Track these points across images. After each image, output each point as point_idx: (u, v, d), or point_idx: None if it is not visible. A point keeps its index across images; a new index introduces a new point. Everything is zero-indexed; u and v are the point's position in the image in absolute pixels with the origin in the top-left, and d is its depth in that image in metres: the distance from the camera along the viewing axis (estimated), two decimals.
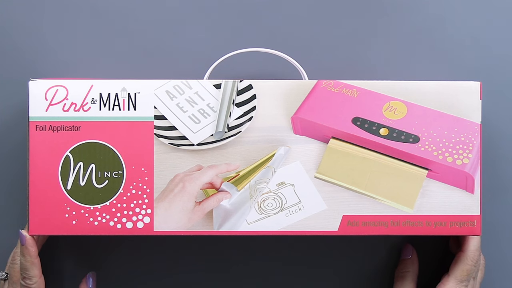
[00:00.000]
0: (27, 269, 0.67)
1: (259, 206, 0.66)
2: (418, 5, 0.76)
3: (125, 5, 0.76)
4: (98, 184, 0.65)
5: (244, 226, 0.66)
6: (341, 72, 0.75)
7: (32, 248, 0.67)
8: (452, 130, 0.66)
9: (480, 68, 0.76)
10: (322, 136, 0.66)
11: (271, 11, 0.76)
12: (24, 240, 0.67)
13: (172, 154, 0.65)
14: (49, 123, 0.65)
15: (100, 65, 0.75)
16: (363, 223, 0.66)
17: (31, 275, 0.67)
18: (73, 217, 0.65)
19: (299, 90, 0.66)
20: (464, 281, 0.69)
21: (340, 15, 0.76)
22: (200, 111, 0.66)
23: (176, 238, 0.75)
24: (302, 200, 0.66)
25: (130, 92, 0.65)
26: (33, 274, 0.67)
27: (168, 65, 0.75)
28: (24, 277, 0.68)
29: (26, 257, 0.67)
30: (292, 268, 0.76)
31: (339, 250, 0.76)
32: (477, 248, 0.69)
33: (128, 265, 0.76)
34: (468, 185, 0.65)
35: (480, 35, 0.76)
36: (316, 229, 0.66)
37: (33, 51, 0.75)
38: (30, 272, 0.67)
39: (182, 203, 0.65)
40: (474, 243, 0.69)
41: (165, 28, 0.76)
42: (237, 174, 0.66)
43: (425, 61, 0.76)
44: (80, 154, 0.65)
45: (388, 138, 0.66)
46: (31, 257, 0.67)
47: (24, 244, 0.67)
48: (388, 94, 0.66)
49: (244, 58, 0.72)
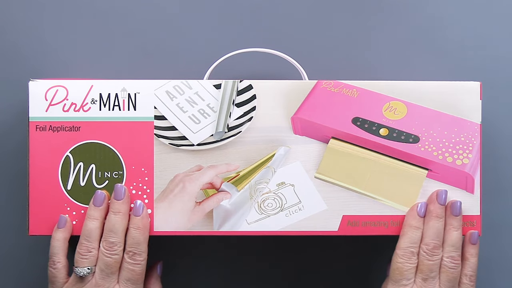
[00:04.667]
0: (139, 244, 0.63)
1: (259, 206, 0.66)
2: (418, 5, 0.76)
3: (125, 5, 0.76)
4: (98, 184, 0.65)
5: (244, 226, 0.66)
6: (341, 72, 0.75)
7: (149, 219, 0.64)
8: (452, 130, 0.66)
9: (480, 68, 0.76)
10: (322, 136, 0.66)
11: (271, 11, 0.76)
12: (142, 209, 0.64)
13: (172, 154, 0.65)
14: (49, 123, 0.65)
15: (100, 65, 0.75)
16: (363, 223, 0.66)
17: (142, 250, 0.63)
18: (73, 217, 0.65)
19: (299, 90, 0.66)
20: (400, 280, 0.64)
21: (340, 15, 0.76)
22: (200, 111, 0.66)
23: (176, 238, 0.75)
24: (302, 200, 0.66)
25: (130, 92, 0.65)
26: (144, 249, 0.63)
27: (168, 65, 0.75)
28: (133, 253, 0.63)
29: (141, 230, 0.63)
30: (292, 268, 0.76)
31: (339, 250, 0.76)
32: (407, 246, 0.64)
33: None
34: (468, 185, 0.65)
35: (480, 35, 0.76)
36: (316, 229, 0.66)
37: (33, 51, 0.75)
38: (142, 246, 0.63)
39: (182, 203, 0.65)
40: (404, 240, 0.64)
41: (165, 28, 0.76)
42: (237, 174, 0.66)
43: (425, 61, 0.76)
44: (80, 154, 0.65)
45: (388, 138, 0.66)
46: (146, 230, 0.64)
47: (140, 215, 0.64)
48: (388, 94, 0.66)
49: (244, 58, 0.72)
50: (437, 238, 0.64)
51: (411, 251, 0.64)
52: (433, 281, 0.64)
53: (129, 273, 0.63)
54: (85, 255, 0.63)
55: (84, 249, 0.63)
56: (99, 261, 0.63)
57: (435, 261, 0.64)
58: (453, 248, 0.64)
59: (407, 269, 0.64)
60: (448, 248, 0.64)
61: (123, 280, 0.63)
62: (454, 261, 0.64)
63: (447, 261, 0.64)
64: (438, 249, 0.64)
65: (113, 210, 0.64)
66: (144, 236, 0.63)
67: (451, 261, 0.64)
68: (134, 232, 0.63)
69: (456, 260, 0.64)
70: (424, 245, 0.64)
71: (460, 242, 0.65)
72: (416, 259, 0.64)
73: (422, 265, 0.64)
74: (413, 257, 0.64)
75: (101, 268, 0.63)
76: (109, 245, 0.63)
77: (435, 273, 0.64)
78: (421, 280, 0.63)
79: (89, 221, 0.63)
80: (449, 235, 0.65)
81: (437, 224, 0.64)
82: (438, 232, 0.64)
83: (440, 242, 0.64)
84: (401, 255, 0.64)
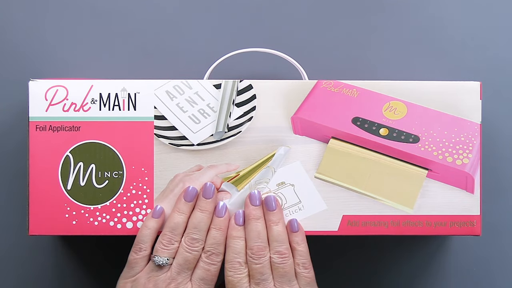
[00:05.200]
0: (219, 245, 0.63)
1: None
2: (418, 5, 0.76)
3: (125, 5, 0.76)
4: (98, 184, 0.65)
5: None
6: (341, 72, 0.75)
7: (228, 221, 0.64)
8: (452, 130, 0.66)
9: (480, 68, 0.76)
10: (322, 136, 0.66)
11: (271, 11, 0.76)
12: (224, 211, 0.64)
13: (172, 154, 0.65)
14: (49, 123, 0.65)
15: (100, 65, 0.75)
16: (363, 223, 0.66)
17: (221, 251, 0.63)
18: (73, 217, 0.65)
19: (299, 90, 0.66)
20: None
21: (340, 15, 0.76)
22: (200, 111, 0.66)
23: None
24: (302, 200, 0.66)
25: (130, 92, 0.65)
26: (222, 251, 0.63)
27: (168, 65, 0.75)
28: (211, 253, 0.63)
29: (223, 231, 0.63)
30: None
31: (339, 250, 0.76)
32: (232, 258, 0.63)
33: None
34: (468, 185, 0.65)
35: (480, 35, 0.76)
36: (316, 229, 0.66)
37: (33, 51, 0.75)
38: (221, 247, 0.63)
39: None
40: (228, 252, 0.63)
41: (165, 28, 0.76)
42: (237, 174, 0.66)
43: (425, 61, 0.76)
44: (80, 154, 0.65)
45: (388, 138, 0.66)
46: (226, 232, 0.64)
47: (223, 217, 0.64)
48: (388, 94, 0.66)
49: (244, 58, 0.72)
50: (259, 239, 0.63)
51: (237, 261, 0.63)
52: (266, 282, 0.62)
53: (204, 272, 0.63)
54: (167, 246, 0.63)
55: (167, 240, 0.63)
56: (178, 255, 0.63)
57: (263, 263, 0.63)
58: (278, 243, 0.63)
59: (238, 280, 0.62)
60: (273, 244, 0.63)
61: (197, 279, 0.63)
62: (282, 256, 0.63)
63: (274, 257, 0.63)
64: (263, 250, 0.63)
65: (200, 207, 0.64)
66: (224, 238, 0.64)
67: (278, 257, 0.63)
68: (216, 232, 0.63)
69: (283, 254, 0.63)
70: (249, 250, 0.63)
71: (284, 235, 0.64)
72: (245, 268, 0.63)
73: (252, 270, 0.63)
74: (241, 267, 0.63)
75: (179, 262, 0.63)
76: (191, 241, 0.63)
77: (266, 275, 0.62)
78: (255, 285, 0.62)
79: (177, 214, 0.64)
80: (270, 231, 0.64)
81: (256, 225, 0.64)
82: (259, 233, 0.63)
83: (264, 243, 0.63)
84: (229, 268, 0.63)
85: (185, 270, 0.63)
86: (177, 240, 0.63)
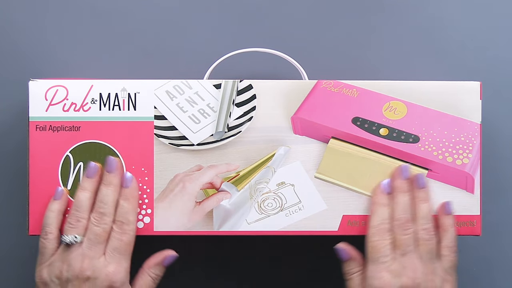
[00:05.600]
0: (127, 213, 0.63)
1: (259, 206, 0.66)
2: (418, 6, 0.76)
3: (125, 5, 0.76)
4: None
5: (244, 226, 0.66)
6: (341, 72, 0.75)
7: (137, 190, 0.64)
8: (452, 130, 0.66)
9: (480, 68, 0.76)
10: (322, 136, 0.66)
11: (271, 11, 0.76)
12: (131, 181, 0.64)
13: (172, 154, 0.65)
14: (49, 123, 0.65)
15: (100, 65, 0.75)
16: (363, 223, 0.66)
17: (131, 220, 0.63)
18: None
19: (299, 90, 0.66)
20: (379, 258, 0.63)
21: (340, 15, 0.76)
22: (200, 111, 0.66)
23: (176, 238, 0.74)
24: (302, 200, 0.66)
25: (130, 92, 0.65)
26: (133, 220, 0.63)
27: (168, 65, 0.75)
28: (122, 222, 0.63)
29: (130, 200, 0.63)
30: (292, 268, 0.76)
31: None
32: (379, 223, 0.63)
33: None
34: (468, 185, 0.65)
35: (480, 35, 0.76)
36: (316, 229, 0.66)
37: (33, 51, 0.75)
38: (130, 216, 0.63)
39: (182, 203, 0.65)
40: (375, 218, 0.64)
41: (165, 28, 0.76)
42: (237, 174, 0.66)
43: (425, 61, 0.76)
44: (80, 154, 0.65)
45: (388, 138, 0.66)
46: (135, 201, 0.64)
47: (129, 186, 0.64)
48: (388, 94, 0.66)
49: (244, 58, 0.72)
50: (406, 212, 0.64)
51: (384, 227, 0.63)
52: (412, 254, 0.63)
53: (117, 242, 0.63)
54: (73, 224, 0.63)
55: (73, 219, 0.63)
56: (88, 231, 0.63)
57: (409, 235, 0.63)
58: (425, 220, 0.64)
59: (383, 246, 0.63)
60: (420, 221, 0.64)
61: (110, 249, 0.63)
62: (429, 233, 0.63)
63: (422, 233, 0.63)
64: (409, 222, 0.63)
65: (105, 182, 0.64)
66: (132, 206, 0.64)
67: (426, 233, 0.63)
68: (123, 202, 0.64)
69: (431, 232, 0.63)
70: (396, 221, 0.63)
71: (430, 214, 0.64)
72: (390, 236, 0.63)
73: (398, 240, 0.63)
74: (387, 233, 0.63)
75: (89, 237, 0.62)
76: (99, 215, 0.63)
77: (411, 247, 0.63)
78: (400, 255, 0.63)
79: (80, 192, 0.64)
80: (418, 208, 0.64)
81: (404, 198, 0.64)
82: (406, 206, 0.64)
83: (410, 215, 0.64)
84: (375, 233, 0.63)
85: (96, 245, 0.62)
86: (84, 217, 0.63)
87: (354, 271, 0.66)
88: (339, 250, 0.66)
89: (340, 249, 0.66)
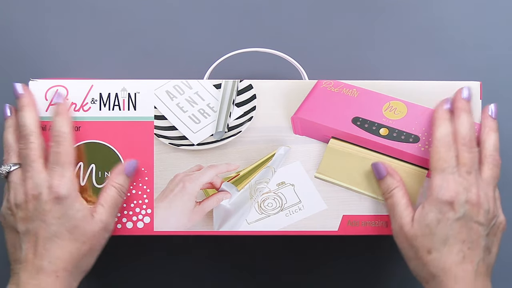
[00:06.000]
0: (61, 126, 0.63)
1: (259, 206, 0.66)
2: (417, 6, 0.76)
3: (125, 5, 0.76)
4: (99, 184, 0.65)
5: (244, 226, 0.66)
6: (341, 72, 0.75)
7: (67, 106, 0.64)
8: None
9: (480, 68, 0.76)
10: (322, 136, 0.66)
11: (271, 11, 0.76)
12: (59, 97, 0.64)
13: (172, 154, 0.65)
14: (49, 123, 0.65)
15: (100, 65, 0.75)
16: (363, 223, 0.66)
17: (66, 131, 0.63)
18: None
19: (299, 90, 0.66)
20: (446, 168, 0.62)
21: (340, 15, 0.76)
22: (200, 111, 0.66)
23: (176, 238, 0.74)
24: (302, 200, 0.66)
25: (130, 92, 0.65)
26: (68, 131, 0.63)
27: (168, 65, 0.75)
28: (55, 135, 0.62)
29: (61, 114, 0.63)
30: (292, 268, 0.76)
31: (339, 250, 0.76)
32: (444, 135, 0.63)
33: (128, 265, 0.76)
34: None
35: (480, 35, 0.76)
36: (316, 229, 0.66)
37: (33, 51, 0.75)
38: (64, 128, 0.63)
39: (182, 203, 0.65)
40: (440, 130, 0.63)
41: (165, 28, 0.76)
42: (237, 174, 0.66)
43: (425, 61, 0.76)
44: (80, 154, 0.65)
45: (388, 138, 0.66)
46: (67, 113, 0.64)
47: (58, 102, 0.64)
48: (388, 94, 0.66)
49: (244, 58, 0.72)
50: (470, 131, 0.63)
51: (448, 140, 0.62)
52: (477, 175, 0.62)
53: (54, 155, 0.62)
54: (6, 158, 0.64)
55: (5, 155, 0.64)
56: (20, 157, 0.63)
57: (474, 154, 0.62)
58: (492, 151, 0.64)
59: (451, 158, 0.62)
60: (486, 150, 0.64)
61: (50, 164, 0.62)
62: (495, 161, 0.64)
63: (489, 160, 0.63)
64: (474, 142, 0.63)
65: (18, 107, 0.64)
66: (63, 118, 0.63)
67: (492, 160, 0.63)
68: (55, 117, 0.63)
69: (496, 160, 0.64)
70: (461, 139, 0.62)
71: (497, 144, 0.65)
72: (455, 150, 0.62)
73: (463, 158, 0.62)
74: (452, 146, 0.62)
75: (23, 162, 0.62)
76: (23, 138, 0.63)
77: (476, 166, 0.62)
78: (466, 173, 0.62)
79: (4, 132, 0.65)
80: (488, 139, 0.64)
81: (467, 118, 0.63)
82: (470, 126, 0.63)
83: (474, 135, 0.63)
84: (441, 144, 0.62)
85: (31, 164, 0.62)
86: (12, 149, 0.64)
87: (394, 185, 0.64)
88: (377, 165, 0.65)
89: (378, 165, 0.65)
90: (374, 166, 0.65)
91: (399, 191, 0.64)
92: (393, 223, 0.63)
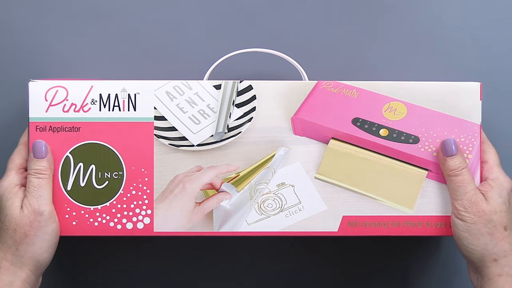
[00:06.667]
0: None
1: (259, 206, 0.66)
2: (418, 6, 0.76)
3: (125, 5, 0.76)
4: (98, 184, 0.65)
5: (244, 226, 0.66)
6: (341, 72, 0.75)
7: None
8: (452, 130, 0.66)
9: (480, 68, 0.76)
10: (322, 136, 0.66)
11: (271, 11, 0.76)
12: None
13: (172, 154, 0.65)
14: (49, 124, 0.65)
15: (100, 66, 0.75)
16: (363, 224, 0.66)
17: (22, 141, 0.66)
18: (73, 218, 0.65)
19: (299, 91, 0.66)
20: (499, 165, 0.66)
21: (340, 16, 0.76)
22: (200, 111, 0.66)
23: (176, 239, 0.75)
24: (302, 200, 0.66)
25: (130, 93, 0.65)
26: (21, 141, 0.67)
27: (168, 65, 0.75)
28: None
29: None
30: (292, 268, 0.76)
31: (339, 251, 0.76)
32: None
33: (128, 266, 0.76)
34: None
35: (480, 35, 0.76)
36: (316, 230, 0.66)
37: (33, 51, 0.75)
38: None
39: (182, 203, 0.65)
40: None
41: (165, 28, 0.76)
42: (237, 175, 0.66)
43: (425, 61, 0.76)
44: (80, 155, 0.65)
45: (388, 138, 0.66)
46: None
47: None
48: (388, 94, 0.66)
49: (244, 59, 0.72)
50: None
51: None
52: None
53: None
54: None
55: None
56: None
57: None
58: None
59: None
60: None
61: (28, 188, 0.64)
62: None
63: None
64: None
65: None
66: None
67: None
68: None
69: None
70: None
71: None
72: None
73: None
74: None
75: None
76: None
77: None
78: None
79: None
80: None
81: None
82: None
83: None
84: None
85: None
86: None
87: (464, 165, 0.64)
88: (449, 141, 0.65)
89: (450, 141, 0.65)
90: (445, 142, 0.65)
91: (468, 170, 0.64)
92: (461, 199, 0.63)
